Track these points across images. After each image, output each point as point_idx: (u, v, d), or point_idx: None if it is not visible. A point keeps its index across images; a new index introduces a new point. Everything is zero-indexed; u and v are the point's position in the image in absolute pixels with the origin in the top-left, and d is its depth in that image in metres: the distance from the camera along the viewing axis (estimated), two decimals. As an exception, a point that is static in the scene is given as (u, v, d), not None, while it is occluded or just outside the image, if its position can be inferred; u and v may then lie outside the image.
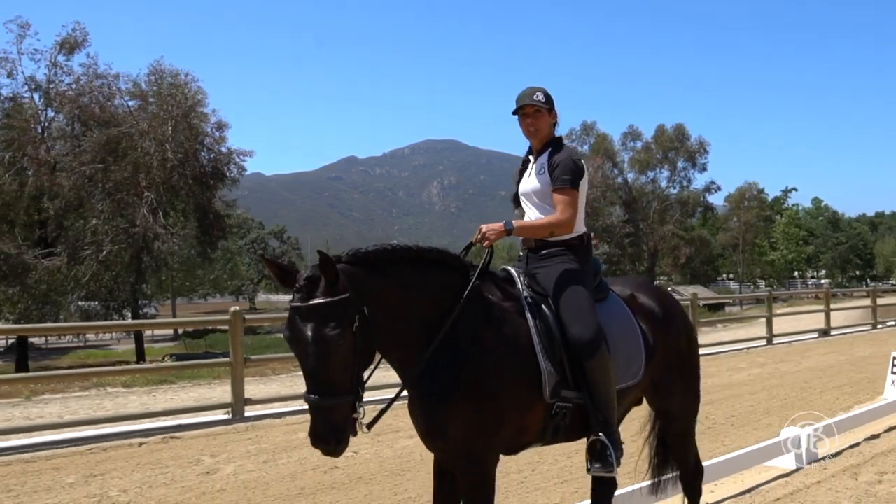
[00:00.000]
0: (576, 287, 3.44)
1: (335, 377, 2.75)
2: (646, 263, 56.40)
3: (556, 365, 3.26)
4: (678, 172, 56.36)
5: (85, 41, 31.43)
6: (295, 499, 5.85)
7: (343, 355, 2.75)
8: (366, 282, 2.93)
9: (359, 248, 3.09)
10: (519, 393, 3.16)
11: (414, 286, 3.12)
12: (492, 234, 3.38)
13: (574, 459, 6.52)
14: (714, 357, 14.99)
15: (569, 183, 3.53)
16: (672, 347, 3.86)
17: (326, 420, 2.75)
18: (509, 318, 3.29)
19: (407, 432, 7.07)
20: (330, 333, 2.71)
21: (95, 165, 27.71)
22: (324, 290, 2.77)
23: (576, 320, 3.33)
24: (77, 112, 28.12)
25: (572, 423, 3.33)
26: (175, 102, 27.35)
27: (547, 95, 3.68)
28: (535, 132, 3.69)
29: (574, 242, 3.63)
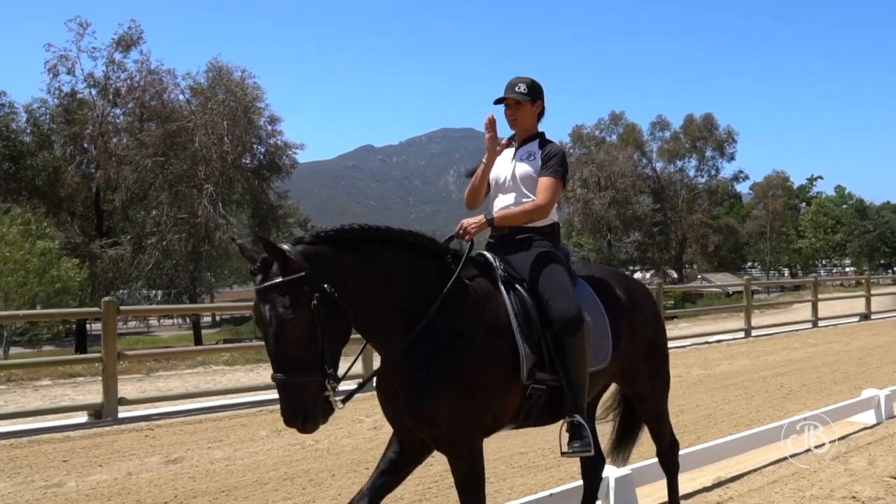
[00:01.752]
0: (555, 269, 3.50)
1: (297, 355, 2.76)
2: (673, 251, 57.26)
3: (534, 347, 3.28)
4: (706, 162, 57.17)
5: (140, 38, 32.85)
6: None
7: (300, 334, 2.76)
8: (330, 260, 2.93)
9: (324, 228, 3.09)
10: (499, 376, 3.19)
11: (386, 267, 3.10)
12: (473, 228, 3.42)
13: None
14: (768, 338, 16.15)
15: (561, 175, 3.64)
16: (639, 333, 3.88)
17: (292, 398, 2.77)
18: (488, 303, 3.29)
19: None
20: (284, 313, 2.73)
21: (157, 158, 29.09)
22: (277, 271, 2.79)
23: (558, 297, 3.37)
24: (140, 108, 29.41)
25: (544, 406, 3.37)
26: (235, 98, 28.58)
27: (531, 86, 3.73)
28: (517, 123, 3.76)
29: (547, 230, 3.70)
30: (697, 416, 8.10)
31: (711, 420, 7.87)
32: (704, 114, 56.89)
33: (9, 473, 6.21)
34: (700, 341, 16.12)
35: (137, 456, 6.74)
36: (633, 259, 53.66)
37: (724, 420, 7.86)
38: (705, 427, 7.51)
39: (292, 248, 2.88)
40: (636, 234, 51.27)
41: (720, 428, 7.43)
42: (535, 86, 3.76)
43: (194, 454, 6.77)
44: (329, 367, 2.81)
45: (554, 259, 3.57)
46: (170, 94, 32.23)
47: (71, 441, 7.40)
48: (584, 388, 3.38)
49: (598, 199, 50.09)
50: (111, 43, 32.62)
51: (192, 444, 7.18)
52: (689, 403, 8.77)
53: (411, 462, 3.41)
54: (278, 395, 2.80)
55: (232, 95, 28.87)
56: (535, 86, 3.76)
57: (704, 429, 7.43)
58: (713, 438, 6.41)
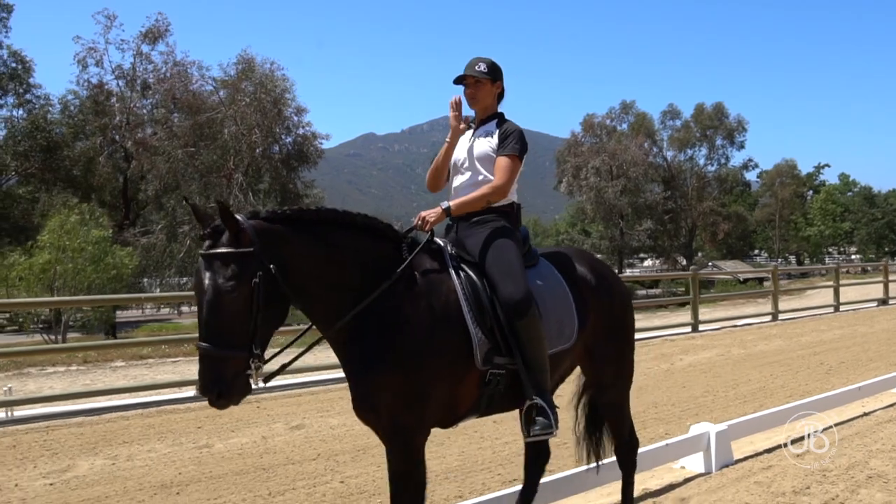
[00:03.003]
0: (505, 248, 3.43)
1: (227, 329, 2.71)
2: (683, 239, 57.98)
3: (487, 332, 3.22)
4: (716, 150, 57.80)
5: (167, 31, 33.56)
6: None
7: (235, 309, 2.71)
8: (283, 239, 2.90)
9: (278, 208, 3.08)
10: (449, 363, 3.12)
11: (339, 249, 3.07)
12: (431, 218, 3.36)
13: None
14: (794, 322, 16.98)
15: (518, 151, 3.59)
16: (605, 313, 3.82)
17: (213, 370, 2.72)
18: (438, 288, 3.24)
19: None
20: (224, 284, 2.70)
21: (188, 149, 29.83)
22: (227, 240, 2.75)
23: (505, 279, 3.31)
24: (171, 99, 30.15)
25: (506, 392, 3.31)
26: (265, 90, 29.30)
27: (491, 66, 3.69)
28: (476, 101, 3.71)
29: (505, 209, 3.64)
30: (753, 388, 8.89)
31: (766, 392, 8.66)
32: (715, 103, 57.59)
33: (158, 438, 7.02)
34: (728, 325, 16.91)
35: (262, 423, 7.53)
36: (645, 247, 54.45)
37: (777, 392, 8.64)
38: (763, 398, 8.29)
39: (246, 220, 2.83)
40: (648, 221, 51.96)
41: (777, 398, 8.21)
42: (496, 66, 3.73)
43: (312, 421, 7.57)
44: (256, 346, 2.77)
45: (504, 236, 3.49)
46: (197, 85, 33.02)
47: (193, 411, 8.21)
48: (544, 371, 3.32)
49: (611, 188, 50.77)
50: (138, 35, 33.41)
51: (304, 413, 7.98)
52: (741, 378, 9.57)
53: None
54: (199, 365, 2.75)
55: (262, 87, 29.59)
56: (496, 66, 3.73)
57: (762, 399, 8.21)
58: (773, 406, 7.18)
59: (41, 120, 29.11)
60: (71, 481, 5.71)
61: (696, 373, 10.21)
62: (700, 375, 9.97)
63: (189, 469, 5.94)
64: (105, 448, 6.64)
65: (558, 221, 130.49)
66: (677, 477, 5.45)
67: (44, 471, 5.98)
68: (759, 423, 6.12)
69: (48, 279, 20.48)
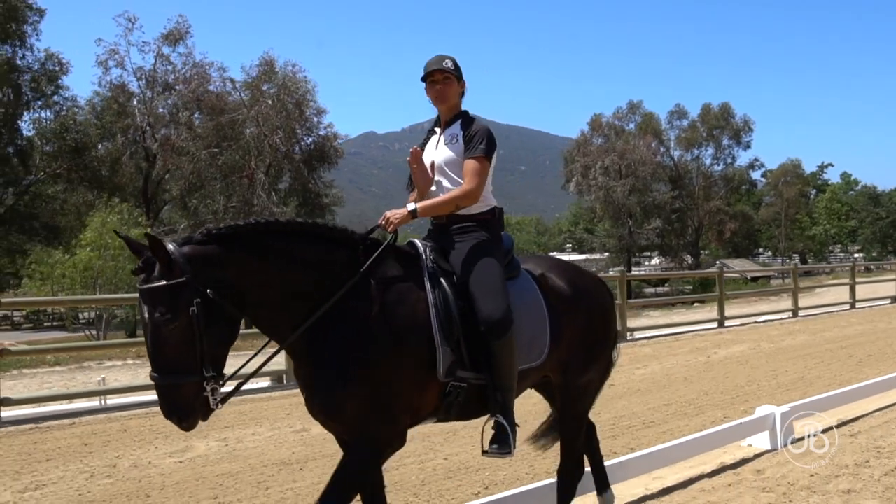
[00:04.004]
0: (488, 265, 3.36)
1: (173, 358, 2.74)
2: (689, 237, 58.63)
3: (453, 344, 3.18)
4: (723, 150, 58.44)
5: (188, 32, 34.15)
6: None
7: (177, 339, 2.73)
8: (219, 260, 2.86)
9: (217, 225, 3.02)
10: (413, 373, 3.11)
11: (284, 261, 3.02)
12: (396, 219, 3.30)
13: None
14: (814, 318, 17.65)
15: (484, 152, 3.47)
16: (582, 328, 3.75)
17: (167, 398, 2.77)
18: (406, 295, 3.19)
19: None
20: (160, 318, 2.71)
21: (211, 150, 30.46)
22: (158, 273, 2.75)
23: (486, 298, 3.26)
24: (196, 101, 30.81)
25: (466, 402, 3.29)
26: (287, 92, 29.96)
27: (456, 64, 3.59)
28: (443, 99, 3.59)
29: (486, 217, 3.54)
30: (791, 378, 9.51)
31: (805, 381, 9.28)
32: (721, 103, 58.33)
33: (255, 423, 7.62)
34: (749, 321, 17.54)
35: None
36: (653, 245, 55.11)
37: (815, 381, 9.26)
38: (803, 387, 8.90)
39: (178, 248, 2.81)
40: (657, 220, 52.60)
41: (816, 387, 8.82)
42: (458, 64, 3.64)
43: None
44: (209, 369, 2.78)
45: (488, 252, 3.42)
46: (216, 85, 33.68)
47: (275, 400, 8.81)
48: (511, 389, 3.32)
49: (620, 187, 51.39)
50: (159, 37, 34.04)
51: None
52: (778, 369, 10.19)
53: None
54: (157, 394, 2.81)
55: (284, 89, 30.25)
56: (458, 64, 3.64)
57: (803, 388, 8.82)
58: (815, 394, 7.78)
59: (70, 121, 29.74)
60: (196, 459, 6.32)
61: (733, 364, 10.84)
62: (738, 367, 10.59)
63: (299, 449, 6.55)
64: (211, 432, 7.21)
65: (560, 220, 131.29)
66: (747, 453, 6.07)
67: (166, 451, 6.59)
68: (817, 405, 6.72)
69: (90, 277, 21.18)
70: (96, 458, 6.37)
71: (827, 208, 68.42)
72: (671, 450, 5.61)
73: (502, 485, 5.36)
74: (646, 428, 7.11)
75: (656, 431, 6.91)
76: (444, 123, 3.67)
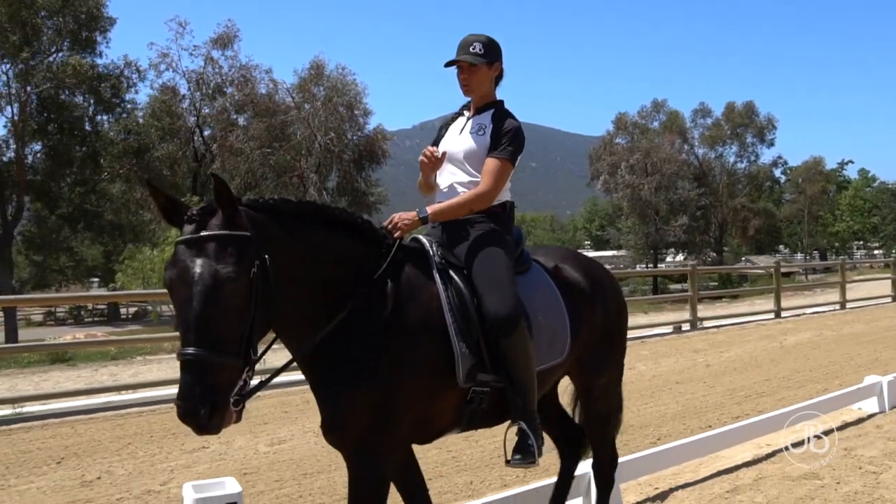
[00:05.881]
0: (494, 257, 3.11)
1: (223, 329, 2.31)
2: (712, 235, 59.60)
3: (472, 346, 2.93)
4: (747, 148, 59.33)
5: (236, 36, 35.51)
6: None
7: (235, 303, 2.32)
8: (269, 230, 2.53)
9: (263, 197, 2.73)
10: (428, 378, 2.84)
11: (320, 247, 2.73)
12: (404, 224, 3.04)
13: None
14: (861, 310, 18.88)
15: (510, 155, 3.23)
16: (598, 322, 3.55)
17: (203, 382, 2.25)
18: (419, 295, 2.93)
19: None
20: (223, 270, 2.30)
21: (264, 150, 31.81)
22: (221, 222, 2.37)
23: (491, 293, 3.00)
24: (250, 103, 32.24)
25: (490, 408, 3.06)
26: (338, 93, 31.36)
27: (488, 46, 3.26)
28: (470, 89, 3.32)
29: (496, 210, 3.29)
30: (868, 360, 10.64)
31: (881, 362, 10.36)
32: (746, 102, 59.12)
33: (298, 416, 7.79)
34: (798, 313, 18.69)
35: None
36: (681, 242, 56.05)
37: (891, 362, 10.31)
38: (881, 365, 9.93)
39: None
40: (683, 217, 53.55)
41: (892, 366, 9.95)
42: (493, 45, 3.29)
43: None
44: (250, 353, 2.40)
45: (494, 243, 3.17)
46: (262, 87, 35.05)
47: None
48: (531, 391, 3.06)
49: (647, 185, 52.43)
50: (208, 41, 35.40)
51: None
52: (851, 353, 11.30)
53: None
54: (183, 378, 2.28)
55: (335, 91, 31.64)
56: (493, 45, 3.29)
57: (882, 366, 9.80)
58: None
59: (133, 124, 31.18)
60: (294, 447, 6.52)
61: (807, 349, 11.99)
62: (812, 351, 11.75)
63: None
64: (301, 418, 7.50)
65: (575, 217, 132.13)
66: (861, 415, 7.24)
67: (265, 439, 6.79)
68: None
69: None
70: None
71: (850, 205, 69.37)
72: (804, 410, 6.78)
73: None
74: (760, 397, 8.28)
75: (772, 399, 8.07)
76: (474, 109, 3.39)
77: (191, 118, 35.66)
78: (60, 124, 29.34)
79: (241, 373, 2.36)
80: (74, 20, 29.40)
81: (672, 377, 9.72)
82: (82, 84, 28.77)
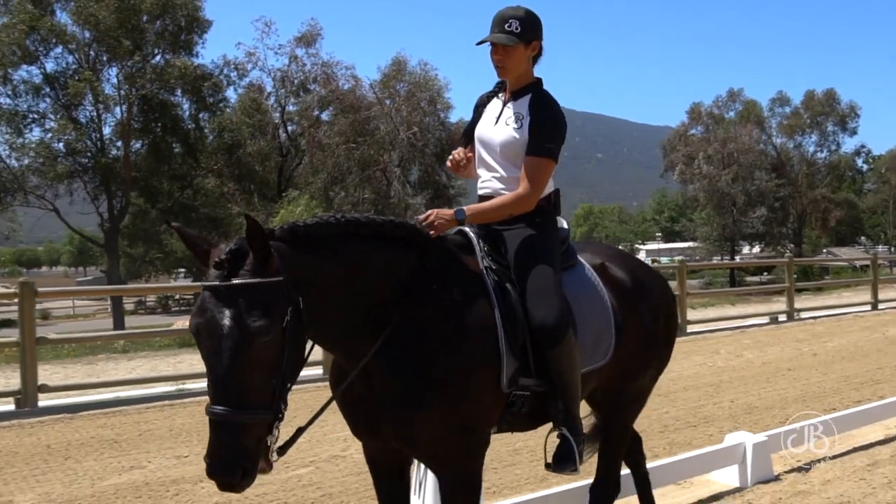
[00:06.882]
0: (540, 261, 2.99)
1: (253, 384, 2.19)
2: (790, 227, 58.37)
3: (517, 350, 2.84)
4: (827, 137, 57.88)
5: (319, 35, 36.67)
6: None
7: (266, 356, 2.20)
8: (301, 264, 2.39)
9: (296, 221, 2.57)
10: (487, 381, 2.77)
11: (364, 267, 2.61)
12: (440, 223, 2.89)
13: None
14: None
15: (551, 153, 3.03)
16: (643, 325, 3.42)
17: (232, 442, 2.16)
18: (471, 299, 2.82)
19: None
20: (254, 324, 2.16)
21: (349, 145, 32.87)
22: (252, 267, 2.23)
23: (538, 301, 2.89)
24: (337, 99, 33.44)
25: (530, 413, 2.98)
26: (421, 89, 32.25)
27: (525, 21, 3.00)
28: (505, 72, 3.10)
29: (541, 204, 3.10)
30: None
31: None
32: (826, 89, 57.66)
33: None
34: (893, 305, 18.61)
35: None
36: (758, 234, 55.13)
37: None
38: None
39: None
40: (762, 208, 52.68)
41: None
42: (531, 21, 3.03)
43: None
44: (280, 405, 2.29)
45: (541, 249, 3.04)
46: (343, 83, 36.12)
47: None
48: (575, 398, 2.99)
49: (724, 176, 51.75)
50: (292, 39, 36.64)
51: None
52: None
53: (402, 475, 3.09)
54: (212, 437, 2.19)
55: (418, 87, 32.55)
56: (531, 21, 3.03)
57: None
58: None
59: (227, 121, 32.70)
60: None
61: (917, 338, 12.20)
62: (924, 340, 11.96)
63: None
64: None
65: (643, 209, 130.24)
66: None
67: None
68: None
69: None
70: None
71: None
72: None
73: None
74: (877, 384, 8.64)
75: (890, 386, 8.42)
76: (510, 93, 3.17)
77: (275, 115, 37.04)
78: (164, 123, 31.10)
79: (271, 427, 2.26)
80: (174, 23, 31.13)
81: (782, 364, 10.12)
82: (186, 84, 30.45)
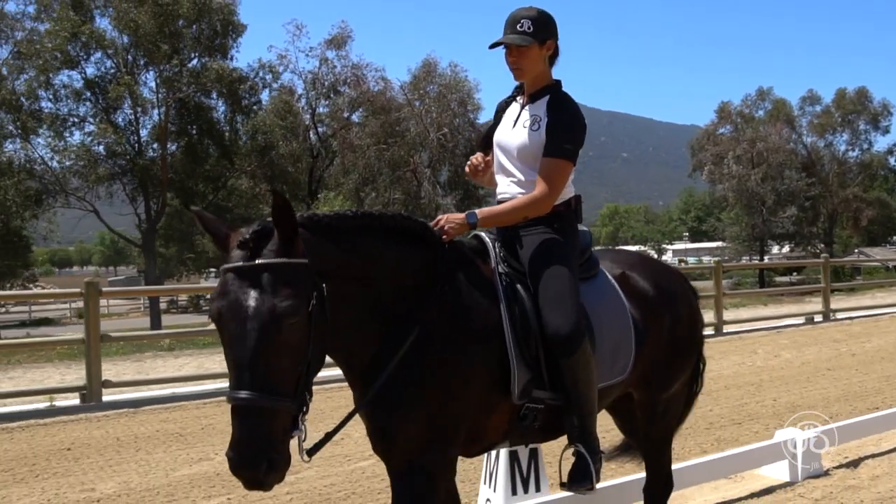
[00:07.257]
0: (557, 267, 2.89)
1: (280, 369, 2.10)
2: (820, 226, 57.84)
3: (530, 361, 2.76)
4: (859, 135, 57.27)
5: (349, 37, 37.09)
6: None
7: (294, 340, 2.12)
8: (323, 252, 2.34)
9: (314, 212, 2.55)
10: (483, 392, 2.68)
11: (378, 262, 2.55)
12: (451, 229, 2.81)
13: None
14: None
15: (569, 155, 2.96)
16: (668, 335, 3.34)
17: (259, 431, 2.06)
18: (479, 304, 2.74)
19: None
20: (282, 304, 2.08)
21: (380, 146, 33.27)
22: (277, 247, 2.15)
23: (553, 308, 2.80)
24: (368, 101, 33.88)
25: (544, 426, 2.90)
26: (451, 91, 32.60)
27: (538, 21, 2.93)
28: (520, 74, 3.04)
29: (559, 209, 3.03)
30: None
31: None
32: (858, 87, 57.07)
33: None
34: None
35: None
36: (788, 234, 54.71)
37: None
38: None
39: None
40: (792, 208, 52.28)
41: None
42: (544, 20, 2.96)
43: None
44: (306, 396, 2.22)
45: (558, 255, 2.94)
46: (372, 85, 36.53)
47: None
48: (591, 413, 2.89)
49: (753, 175, 51.42)
50: (323, 42, 37.13)
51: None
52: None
53: None
54: (236, 425, 2.08)
55: (448, 89, 32.88)
56: (544, 20, 2.96)
57: None
58: None
59: (261, 123, 33.26)
60: None
61: (952, 339, 12.23)
62: (959, 341, 11.99)
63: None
64: None
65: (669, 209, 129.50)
66: None
67: None
68: None
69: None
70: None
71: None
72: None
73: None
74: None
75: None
76: (527, 96, 3.10)
77: (306, 117, 37.56)
78: (199, 125, 31.79)
79: (295, 419, 2.16)
80: (210, 27, 31.74)
81: (821, 364, 10.24)
82: (223, 87, 31.09)
